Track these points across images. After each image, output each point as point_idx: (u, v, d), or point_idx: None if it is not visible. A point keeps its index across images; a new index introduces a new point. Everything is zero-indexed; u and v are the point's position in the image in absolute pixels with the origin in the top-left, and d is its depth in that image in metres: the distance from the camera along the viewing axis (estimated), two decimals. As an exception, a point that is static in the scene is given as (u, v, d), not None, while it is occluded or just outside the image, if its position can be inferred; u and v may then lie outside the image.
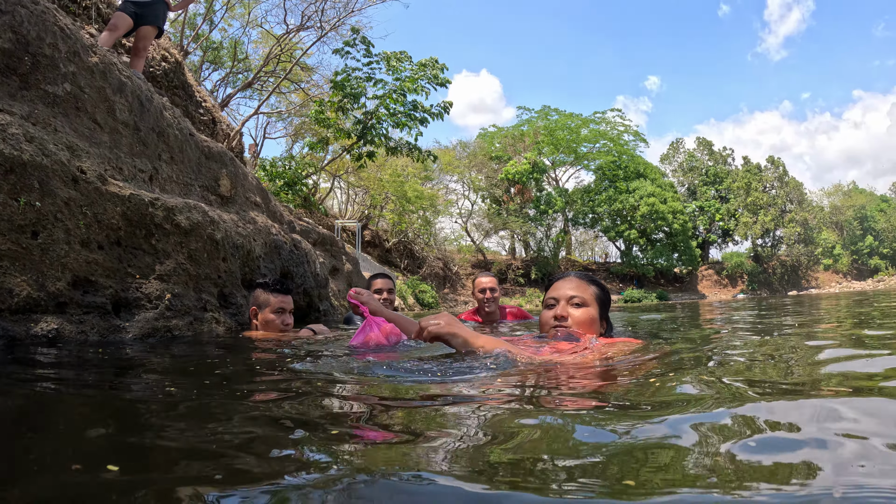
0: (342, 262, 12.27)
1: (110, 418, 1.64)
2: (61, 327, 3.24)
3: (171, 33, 20.20)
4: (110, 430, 1.48)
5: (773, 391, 1.84)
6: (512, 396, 1.85)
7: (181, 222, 4.40)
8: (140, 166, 4.57)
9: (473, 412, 1.63)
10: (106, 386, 2.22)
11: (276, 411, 1.68)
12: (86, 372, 2.50)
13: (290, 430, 1.45)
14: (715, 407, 1.57)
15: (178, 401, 1.89)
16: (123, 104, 4.43)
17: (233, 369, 2.70)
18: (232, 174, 6.44)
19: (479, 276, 6.68)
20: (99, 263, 3.63)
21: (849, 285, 61.47)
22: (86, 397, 1.99)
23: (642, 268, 62.53)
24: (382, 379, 2.30)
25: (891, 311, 6.83)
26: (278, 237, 6.75)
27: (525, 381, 2.13)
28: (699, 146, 78.55)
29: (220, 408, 1.76)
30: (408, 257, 44.94)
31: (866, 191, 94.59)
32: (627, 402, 1.73)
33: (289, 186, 20.07)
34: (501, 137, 62.79)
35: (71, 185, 3.46)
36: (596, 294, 3.22)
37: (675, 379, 2.08)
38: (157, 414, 1.67)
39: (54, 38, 3.76)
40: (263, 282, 4.53)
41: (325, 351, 3.34)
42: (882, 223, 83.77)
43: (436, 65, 19.46)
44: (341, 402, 1.89)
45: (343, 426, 1.53)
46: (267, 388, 2.18)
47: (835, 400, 1.60)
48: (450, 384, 2.06)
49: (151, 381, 2.36)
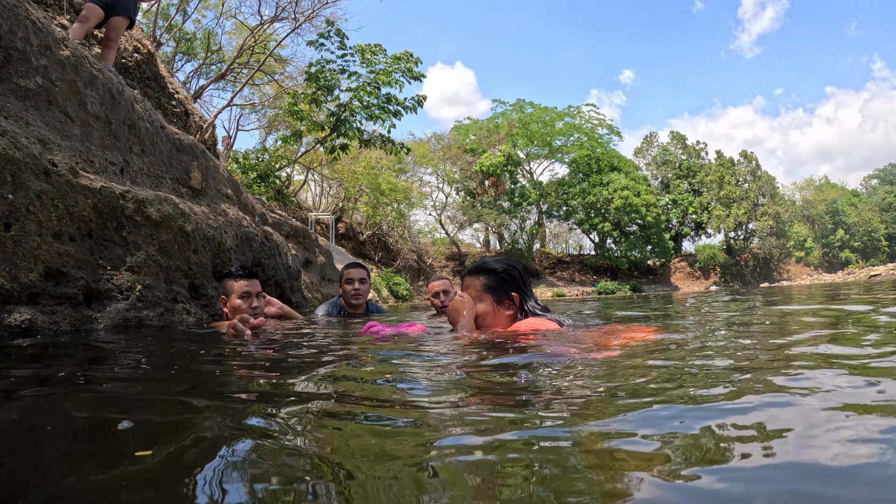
0: (315, 255, 12.32)
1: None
2: (34, 318, 3.31)
3: (143, 24, 20.03)
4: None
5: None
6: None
7: (152, 214, 4.46)
8: (111, 159, 4.61)
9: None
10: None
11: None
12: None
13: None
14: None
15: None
16: (94, 97, 4.47)
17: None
18: (203, 166, 6.47)
19: (432, 281, 6.78)
20: (71, 255, 3.69)
21: (820, 277, 62.27)
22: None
23: (616, 260, 62.96)
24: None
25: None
26: (249, 229, 6.81)
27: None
28: (673, 140, 79.12)
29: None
30: (382, 250, 44.87)
31: (838, 186, 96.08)
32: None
33: (262, 179, 19.99)
34: (476, 130, 62.84)
35: (43, 177, 3.52)
36: (482, 286, 3.36)
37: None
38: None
39: (26, 31, 3.80)
40: (228, 271, 4.59)
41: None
42: (853, 217, 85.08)
43: (410, 58, 19.48)
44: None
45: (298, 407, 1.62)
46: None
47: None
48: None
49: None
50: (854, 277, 48.24)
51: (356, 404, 1.62)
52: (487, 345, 2.79)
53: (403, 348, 2.83)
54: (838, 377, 1.75)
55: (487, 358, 2.40)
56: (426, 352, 2.69)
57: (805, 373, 1.86)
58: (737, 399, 1.50)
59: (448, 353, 2.63)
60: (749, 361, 2.16)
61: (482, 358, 2.41)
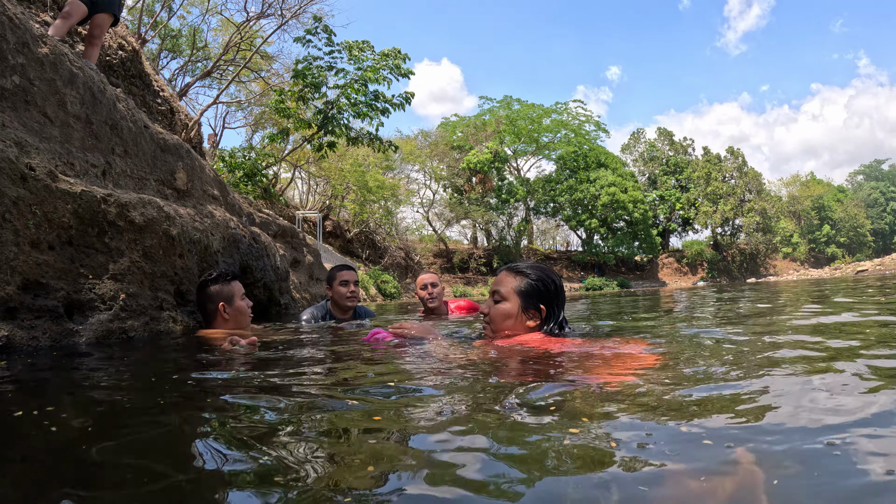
0: (303, 254, 12.14)
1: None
2: (12, 334, 3.11)
3: (128, 21, 19.80)
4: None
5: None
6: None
7: (135, 219, 4.28)
8: (92, 161, 4.43)
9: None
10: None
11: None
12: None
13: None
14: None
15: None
16: (75, 96, 4.28)
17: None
18: (188, 167, 6.28)
19: (421, 275, 6.93)
20: (50, 265, 3.51)
21: (806, 273, 62.67)
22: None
23: (604, 256, 63.16)
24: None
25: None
26: (237, 231, 6.63)
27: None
28: (660, 136, 79.45)
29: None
30: (369, 247, 44.80)
31: (824, 181, 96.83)
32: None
33: (248, 178, 19.77)
34: (463, 127, 62.89)
35: (19, 183, 3.33)
36: (515, 287, 3.22)
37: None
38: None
39: (3, 28, 3.62)
40: (215, 276, 4.54)
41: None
42: (839, 213, 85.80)
43: (398, 55, 19.32)
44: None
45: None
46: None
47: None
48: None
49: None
50: (841, 273, 48.61)
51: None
52: (495, 360, 2.66)
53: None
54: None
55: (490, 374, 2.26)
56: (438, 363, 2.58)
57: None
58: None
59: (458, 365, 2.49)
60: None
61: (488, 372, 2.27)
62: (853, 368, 2.16)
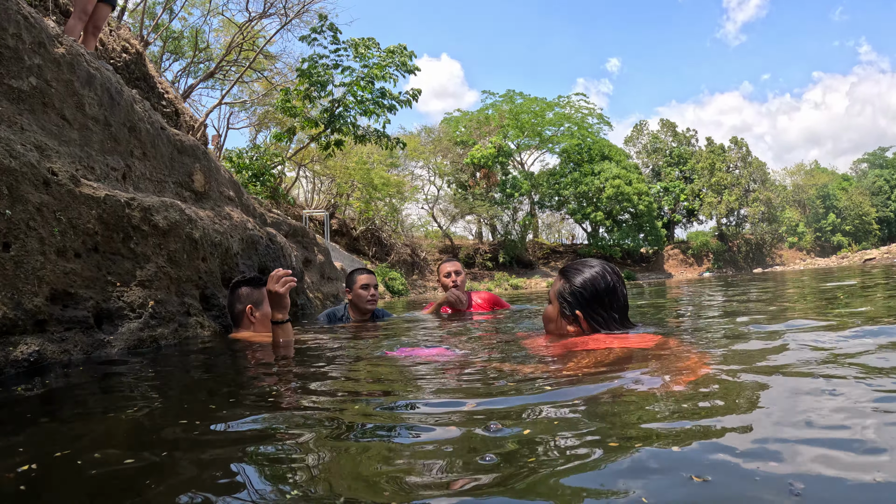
0: (314, 254, 12.01)
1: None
2: (43, 349, 2.95)
3: (129, 23, 19.66)
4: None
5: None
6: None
7: (159, 223, 4.14)
8: (112, 164, 4.28)
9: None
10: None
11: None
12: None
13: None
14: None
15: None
16: (93, 98, 4.14)
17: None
18: (205, 168, 6.15)
19: (444, 263, 6.77)
20: (77, 273, 3.36)
21: (813, 262, 62.44)
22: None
23: (609, 249, 62.92)
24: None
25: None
26: (255, 232, 6.50)
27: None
28: (663, 128, 79.15)
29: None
30: (376, 245, 44.73)
31: (828, 170, 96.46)
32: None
33: (256, 178, 19.63)
34: (466, 122, 62.73)
35: (42, 188, 3.18)
36: (557, 290, 3.13)
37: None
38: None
39: (18, 27, 3.47)
40: (248, 278, 4.48)
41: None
42: (844, 201, 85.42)
43: (404, 52, 19.13)
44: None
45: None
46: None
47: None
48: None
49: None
50: (848, 262, 48.41)
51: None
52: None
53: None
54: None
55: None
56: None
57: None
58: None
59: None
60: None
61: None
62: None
